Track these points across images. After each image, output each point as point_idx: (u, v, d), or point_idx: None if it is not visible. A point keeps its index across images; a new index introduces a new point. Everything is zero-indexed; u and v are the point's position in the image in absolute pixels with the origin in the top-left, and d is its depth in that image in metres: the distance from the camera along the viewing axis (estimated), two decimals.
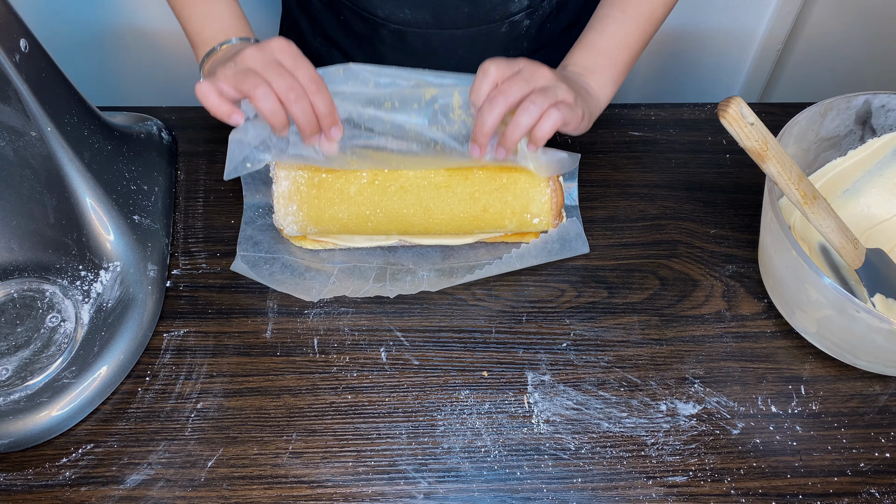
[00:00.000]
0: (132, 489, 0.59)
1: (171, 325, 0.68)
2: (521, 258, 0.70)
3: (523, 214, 0.68)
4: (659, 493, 0.59)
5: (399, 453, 0.61)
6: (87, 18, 1.15)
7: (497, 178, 0.68)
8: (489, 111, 0.60)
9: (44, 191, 0.66)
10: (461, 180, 0.68)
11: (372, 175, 0.68)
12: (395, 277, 0.70)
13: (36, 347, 0.64)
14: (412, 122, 0.63)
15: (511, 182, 0.68)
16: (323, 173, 0.68)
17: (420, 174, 0.68)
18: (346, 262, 0.71)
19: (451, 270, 0.71)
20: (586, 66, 0.69)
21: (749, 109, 0.55)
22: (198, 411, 0.63)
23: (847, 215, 0.71)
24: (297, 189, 0.68)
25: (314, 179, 0.68)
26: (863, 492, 0.60)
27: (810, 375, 0.66)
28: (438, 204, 0.68)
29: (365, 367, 0.66)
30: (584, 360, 0.66)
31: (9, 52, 0.59)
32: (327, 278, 0.70)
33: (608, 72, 0.69)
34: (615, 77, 0.69)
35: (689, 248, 0.74)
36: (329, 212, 0.68)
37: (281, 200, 0.68)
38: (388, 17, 0.80)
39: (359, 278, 0.70)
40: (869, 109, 0.69)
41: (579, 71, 0.68)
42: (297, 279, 0.70)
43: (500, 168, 0.68)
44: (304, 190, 0.68)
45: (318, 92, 0.61)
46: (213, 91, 0.60)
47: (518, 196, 0.68)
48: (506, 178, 0.68)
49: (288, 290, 0.69)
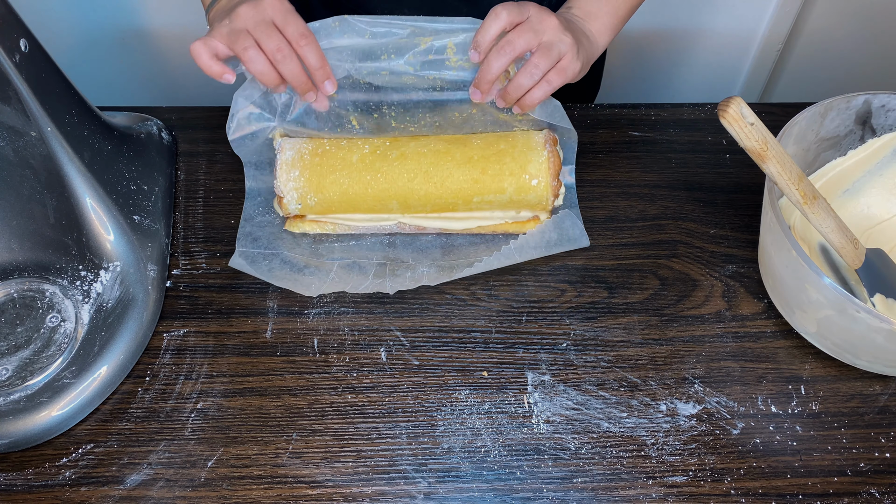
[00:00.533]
0: (132, 489, 0.59)
1: (171, 325, 0.68)
2: (520, 250, 0.70)
3: (521, 175, 0.69)
4: (659, 493, 0.59)
5: (399, 453, 0.61)
6: (88, 18, 1.15)
7: (495, 144, 0.70)
8: (496, 59, 0.62)
9: (44, 191, 0.66)
10: (460, 147, 0.70)
11: (374, 145, 0.70)
12: (395, 273, 0.70)
13: (36, 347, 0.64)
14: (410, 71, 0.66)
15: (509, 146, 0.70)
16: (326, 145, 0.71)
17: (420, 142, 0.70)
18: (346, 258, 0.72)
19: (450, 266, 0.71)
20: (589, 10, 0.70)
21: (749, 109, 0.55)
22: (198, 411, 0.63)
23: (847, 215, 0.71)
24: (301, 157, 0.70)
25: (318, 150, 0.70)
26: (863, 492, 0.60)
27: (810, 375, 0.66)
28: (438, 168, 0.69)
29: (365, 367, 0.66)
30: (584, 360, 0.66)
31: (9, 52, 0.59)
32: (326, 274, 0.70)
33: (609, 19, 0.70)
34: (615, 24, 0.71)
35: (689, 248, 0.74)
36: (330, 177, 0.69)
37: (283, 167, 0.70)
38: None
39: (358, 274, 0.70)
40: (869, 109, 0.69)
41: (581, 16, 0.70)
42: (296, 275, 0.70)
43: (498, 135, 0.71)
44: (308, 158, 0.70)
45: (306, 45, 0.62)
46: (205, 50, 0.61)
47: (516, 157, 0.69)
48: (504, 143, 0.70)
49: (287, 286, 0.69)
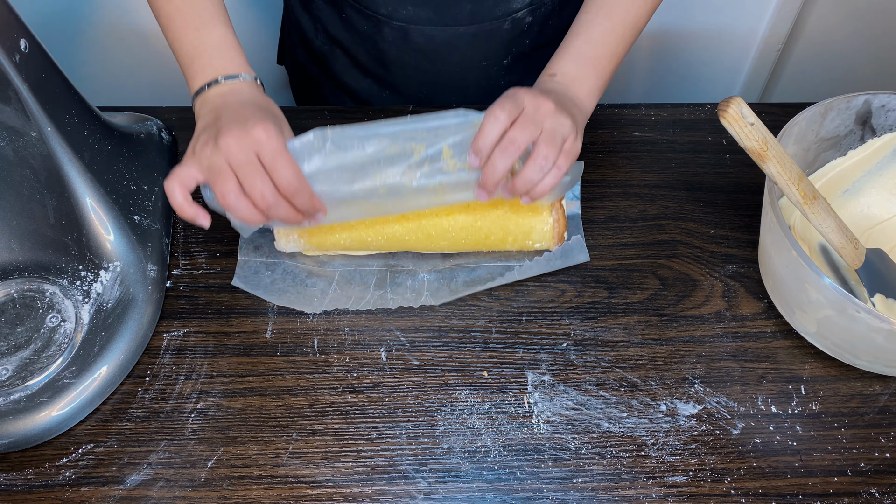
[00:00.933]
0: (132, 489, 0.59)
1: (171, 325, 0.68)
2: (522, 272, 0.70)
3: (525, 241, 0.69)
4: (659, 493, 0.59)
5: (399, 453, 0.61)
6: (88, 18, 1.15)
7: (499, 206, 0.68)
8: (501, 160, 0.59)
9: (44, 191, 0.66)
10: (462, 209, 0.68)
11: None
12: (396, 282, 0.70)
13: (36, 347, 0.64)
14: (407, 184, 0.61)
15: (513, 211, 0.68)
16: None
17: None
18: (347, 266, 0.71)
19: (451, 274, 0.71)
20: (575, 76, 0.67)
21: (749, 109, 0.55)
22: (198, 411, 0.63)
23: (847, 215, 0.71)
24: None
25: None
26: (863, 492, 0.60)
27: (810, 375, 0.66)
28: (439, 231, 0.68)
29: (365, 367, 0.66)
30: (584, 360, 0.66)
31: (9, 52, 0.59)
32: (328, 284, 0.70)
33: (595, 82, 0.67)
34: (601, 87, 0.68)
35: (689, 248, 0.74)
36: (330, 239, 0.69)
37: (281, 230, 0.69)
38: (390, 15, 0.80)
39: (359, 284, 0.70)
40: (869, 109, 0.69)
41: (567, 82, 0.67)
42: (299, 287, 0.70)
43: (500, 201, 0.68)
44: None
45: (295, 194, 0.59)
46: (179, 190, 0.59)
47: (520, 224, 0.69)
48: (507, 205, 0.68)
49: (290, 304, 0.69)
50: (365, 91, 0.90)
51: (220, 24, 0.67)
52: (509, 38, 0.83)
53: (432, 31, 0.81)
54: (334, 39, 0.87)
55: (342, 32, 0.86)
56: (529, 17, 0.82)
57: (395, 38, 0.83)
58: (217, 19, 0.67)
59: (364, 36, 0.85)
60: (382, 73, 0.88)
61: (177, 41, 0.67)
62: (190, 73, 0.66)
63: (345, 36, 0.86)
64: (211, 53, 0.66)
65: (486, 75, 0.86)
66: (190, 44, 0.66)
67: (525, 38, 0.84)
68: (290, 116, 0.79)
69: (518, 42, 0.84)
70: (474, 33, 0.82)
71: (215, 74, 0.65)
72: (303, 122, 0.83)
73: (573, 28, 0.69)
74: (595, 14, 0.68)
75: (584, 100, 0.67)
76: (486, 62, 0.85)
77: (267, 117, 0.60)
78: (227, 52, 0.66)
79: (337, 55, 0.89)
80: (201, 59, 0.65)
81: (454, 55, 0.83)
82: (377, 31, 0.83)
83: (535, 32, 0.84)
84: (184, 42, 0.66)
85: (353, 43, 0.86)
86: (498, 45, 0.84)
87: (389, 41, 0.83)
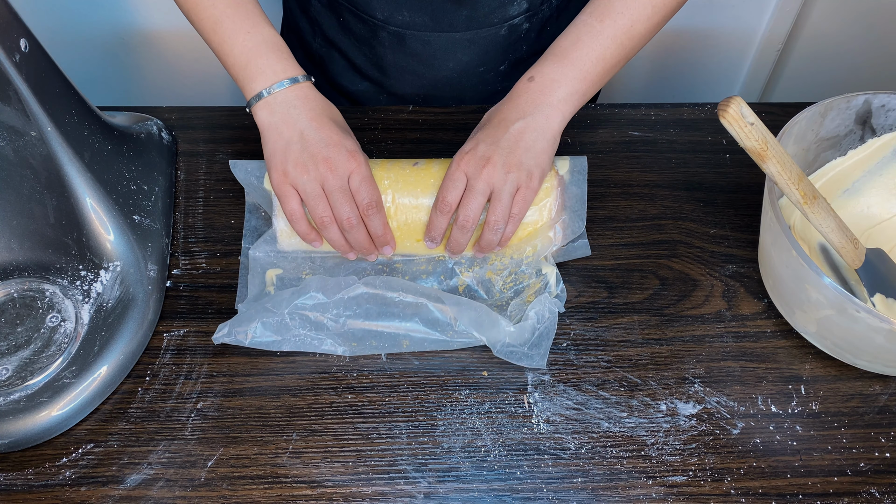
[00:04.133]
0: (132, 489, 0.59)
1: (171, 325, 0.68)
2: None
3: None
4: (659, 493, 0.59)
5: (399, 453, 0.61)
6: (88, 18, 1.15)
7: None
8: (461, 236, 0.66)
9: (44, 191, 0.66)
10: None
11: None
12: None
13: (36, 347, 0.64)
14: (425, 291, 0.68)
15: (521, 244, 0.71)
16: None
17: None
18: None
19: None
20: (553, 78, 0.66)
21: (749, 109, 0.55)
22: (198, 411, 0.63)
23: (847, 215, 0.71)
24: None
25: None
26: (863, 492, 0.60)
27: (810, 375, 0.66)
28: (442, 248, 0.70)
29: (365, 367, 0.66)
30: (584, 360, 0.66)
31: (9, 52, 0.59)
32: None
33: (575, 85, 0.66)
34: (582, 91, 0.66)
35: (689, 248, 0.74)
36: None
37: (284, 229, 0.69)
38: (386, 20, 0.80)
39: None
40: (869, 109, 0.69)
41: (542, 87, 0.66)
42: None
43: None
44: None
45: (374, 216, 0.65)
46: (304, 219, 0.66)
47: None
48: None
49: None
50: (363, 94, 0.90)
51: (266, 24, 0.68)
52: (506, 45, 0.83)
53: (428, 37, 0.81)
54: (332, 43, 0.88)
55: (340, 36, 0.86)
56: (526, 23, 0.82)
57: (391, 42, 0.83)
58: (263, 20, 0.68)
59: (361, 40, 0.85)
60: (380, 77, 0.88)
61: (226, 44, 0.67)
62: (245, 75, 0.66)
63: (342, 40, 0.86)
64: (267, 55, 0.66)
65: (482, 81, 0.86)
66: (242, 45, 0.66)
67: (522, 44, 0.84)
68: None
69: (515, 48, 0.84)
70: (471, 39, 0.81)
71: (276, 78, 0.66)
72: None
73: (564, 30, 0.69)
74: (588, 16, 0.68)
75: (557, 107, 0.66)
76: (483, 68, 0.85)
77: (348, 138, 0.66)
78: (281, 54, 0.67)
79: (335, 58, 0.89)
80: (257, 61, 0.66)
81: (451, 61, 0.83)
82: (374, 36, 0.83)
83: (532, 39, 0.84)
84: (234, 44, 0.67)
85: (351, 47, 0.86)
86: (495, 52, 0.83)
87: (386, 46, 0.83)
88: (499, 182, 0.64)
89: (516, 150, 0.64)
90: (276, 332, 0.65)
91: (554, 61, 0.67)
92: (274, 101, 0.66)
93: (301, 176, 0.64)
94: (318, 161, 0.63)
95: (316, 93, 0.68)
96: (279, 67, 0.66)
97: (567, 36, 0.68)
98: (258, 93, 0.66)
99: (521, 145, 0.65)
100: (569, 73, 0.66)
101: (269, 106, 0.66)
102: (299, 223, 0.66)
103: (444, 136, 0.82)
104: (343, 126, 0.68)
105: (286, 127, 0.65)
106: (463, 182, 0.64)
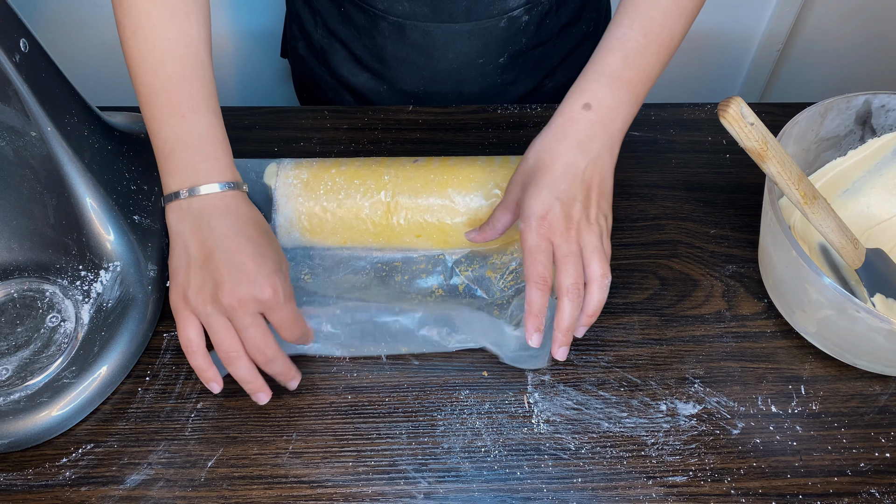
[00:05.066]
0: (132, 489, 0.59)
1: (171, 325, 0.68)
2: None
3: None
4: (659, 493, 0.59)
5: (399, 453, 0.61)
6: (88, 18, 1.15)
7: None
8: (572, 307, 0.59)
9: (44, 191, 0.66)
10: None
11: (373, 207, 0.69)
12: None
13: (36, 347, 0.64)
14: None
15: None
16: (328, 214, 0.69)
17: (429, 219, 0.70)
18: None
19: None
20: (611, 105, 0.61)
21: (749, 109, 0.55)
22: (198, 411, 0.63)
23: (847, 215, 0.71)
24: (299, 219, 0.69)
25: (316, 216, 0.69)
26: (863, 492, 0.60)
27: (810, 375, 0.66)
28: (440, 233, 0.70)
29: (365, 367, 0.66)
30: (584, 360, 0.66)
31: (9, 52, 0.59)
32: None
33: (630, 110, 0.62)
34: (634, 115, 0.63)
35: (689, 248, 0.74)
36: (332, 238, 0.70)
37: (284, 223, 0.69)
38: (387, 10, 0.81)
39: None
40: (869, 109, 0.69)
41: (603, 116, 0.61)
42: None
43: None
44: (306, 224, 0.70)
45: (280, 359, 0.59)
46: (200, 352, 0.58)
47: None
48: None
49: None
50: (363, 85, 0.91)
51: (209, 111, 0.59)
52: (506, 37, 0.83)
53: (428, 28, 0.81)
54: (333, 33, 0.88)
55: (341, 27, 0.87)
56: (526, 15, 0.82)
57: (391, 33, 0.83)
58: (207, 104, 0.59)
59: (362, 30, 0.85)
60: (380, 68, 0.88)
61: (154, 123, 0.59)
62: (166, 167, 0.58)
63: (343, 30, 0.87)
64: (195, 149, 0.58)
65: (482, 73, 0.87)
66: (171, 131, 0.58)
67: (522, 36, 0.84)
68: (291, 116, 0.79)
69: (515, 40, 0.84)
70: (470, 30, 0.82)
71: (197, 179, 0.57)
72: (303, 123, 0.83)
73: (606, 42, 0.63)
74: (629, 28, 0.62)
75: (618, 139, 0.62)
76: (483, 59, 0.85)
77: (267, 263, 0.56)
78: (214, 150, 0.59)
79: (336, 49, 0.89)
80: (181, 155, 0.58)
81: (450, 52, 0.84)
82: (374, 26, 0.83)
83: (531, 31, 0.84)
84: (163, 127, 0.59)
85: (352, 37, 0.87)
86: (494, 43, 0.84)
87: (386, 36, 0.84)
88: (587, 239, 0.59)
89: (591, 200, 0.60)
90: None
91: (608, 83, 0.61)
92: (188, 206, 0.57)
93: (204, 307, 0.56)
94: (223, 291, 0.55)
95: (244, 203, 0.59)
96: (205, 168, 0.58)
97: (613, 52, 0.62)
98: (175, 191, 0.57)
99: (595, 191, 0.60)
100: (625, 97, 0.61)
101: (181, 210, 0.57)
102: (195, 356, 0.58)
103: (444, 135, 0.82)
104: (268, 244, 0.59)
105: (194, 241, 0.57)
106: (550, 250, 0.59)
